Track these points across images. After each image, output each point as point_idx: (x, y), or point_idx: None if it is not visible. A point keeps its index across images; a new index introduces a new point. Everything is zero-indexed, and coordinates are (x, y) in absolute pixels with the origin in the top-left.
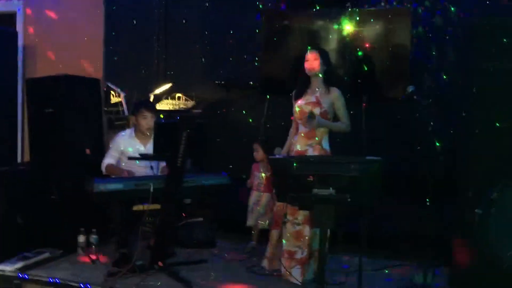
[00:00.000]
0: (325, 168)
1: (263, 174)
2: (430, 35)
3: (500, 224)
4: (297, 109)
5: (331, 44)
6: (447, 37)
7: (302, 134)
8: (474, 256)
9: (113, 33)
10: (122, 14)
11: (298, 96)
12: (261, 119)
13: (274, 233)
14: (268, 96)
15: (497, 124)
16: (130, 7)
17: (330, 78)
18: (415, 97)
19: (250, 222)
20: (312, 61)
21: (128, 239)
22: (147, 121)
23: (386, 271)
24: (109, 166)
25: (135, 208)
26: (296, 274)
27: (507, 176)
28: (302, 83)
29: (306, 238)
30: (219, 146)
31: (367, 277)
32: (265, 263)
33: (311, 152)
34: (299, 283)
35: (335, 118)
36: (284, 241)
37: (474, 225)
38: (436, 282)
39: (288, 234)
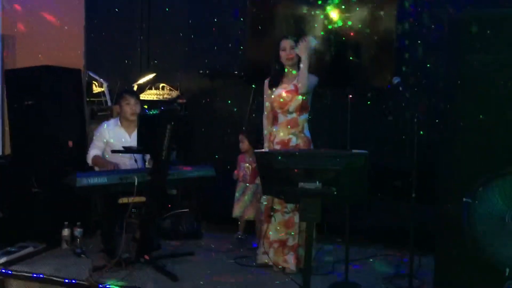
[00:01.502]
0: (311, 161)
1: (248, 165)
2: (416, 24)
3: (483, 216)
4: (279, 99)
5: (316, 32)
6: (433, 27)
7: (283, 124)
8: (458, 245)
9: (95, 21)
10: (103, 2)
11: (274, 85)
12: (246, 108)
13: (265, 228)
14: (253, 86)
15: (481, 116)
16: None
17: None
18: (400, 88)
19: (236, 213)
20: (289, 51)
21: (113, 232)
22: (130, 106)
23: (371, 260)
24: (95, 158)
25: (120, 201)
26: (290, 261)
27: (491, 168)
28: (277, 71)
29: (297, 225)
30: (204, 136)
31: (354, 266)
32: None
33: (295, 140)
34: (294, 270)
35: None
36: (271, 233)
37: (459, 215)
38: (421, 271)
39: (278, 224)
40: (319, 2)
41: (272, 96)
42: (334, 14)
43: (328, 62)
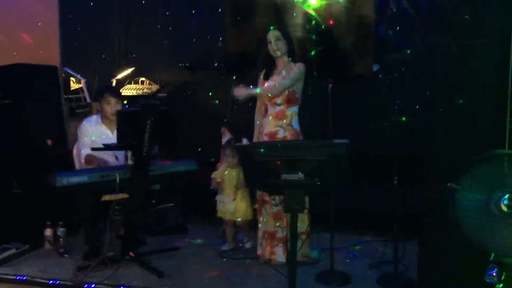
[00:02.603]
0: (293, 152)
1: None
2: (395, 11)
3: (467, 201)
4: None
5: (295, 20)
6: (411, 13)
7: (271, 116)
8: (442, 230)
9: (69, 15)
10: None
11: (266, 78)
12: (227, 100)
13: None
14: (234, 77)
15: (460, 101)
16: None
17: (294, 56)
18: (380, 76)
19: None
20: (275, 42)
21: (97, 231)
22: (111, 106)
23: (357, 247)
24: (88, 157)
25: (103, 198)
26: (279, 253)
27: (474, 153)
28: (267, 64)
29: (285, 217)
30: (186, 129)
31: (339, 254)
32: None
33: (282, 133)
34: (282, 262)
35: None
36: (260, 225)
37: (443, 200)
38: (406, 257)
39: (267, 216)
40: None
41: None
42: (313, 1)
43: (308, 51)
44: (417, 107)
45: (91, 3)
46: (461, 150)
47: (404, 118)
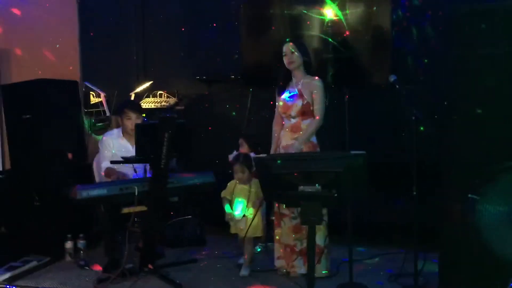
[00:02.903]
0: (309, 164)
1: None
2: (412, 21)
3: (488, 212)
4: (280, 103)
5: (312, 32)
6: (428, 23)
7: (287, 129)
8: (463, 242)
9: (89, 32)
10: (97, 12)
11: (282, 90)
12: (244, 112)
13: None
14: (250, 89)
15: (479, 111)
16: (105, 3)
17: (310, 68)
18: (397, 86)
19: None
20: (290, 55)
21: (116, 243)
22: (131, 121)
23: (377, 259)
24: (108, 170)
25: (122, 211)
26: (299, 265)
27: (494, 163)
28: (284, 77)
29: (305, 230)
30: (204, 142)
31: (358, 266)
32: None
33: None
34: (304, 272)
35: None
36: (277, 237)
37: (462, 211)
38: (426, 269)
39: (286, 229)
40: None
41: (279, 101)
42: (329, 13)
43: (324, 62)
44: (435, 117)
45: (110, 19)
46: (481, 161)
47: (422, 128)
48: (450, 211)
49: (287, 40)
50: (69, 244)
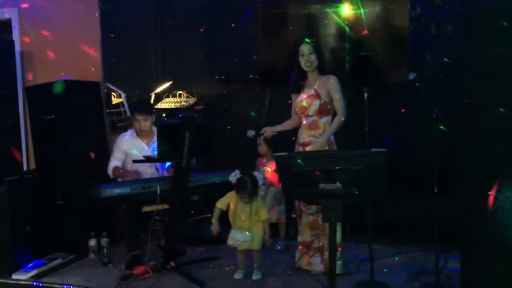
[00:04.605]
0: (330, 162)
1: (268, 168)
2: (430, 18)
3: (509, 209)
4: (301, 103)
5: (329, 30)
6: (447, 20)
7: (305, 126)
8: (484, 240)
9: (110, 34)
10: (117, 14)
11: (297, 90)
12: (263, 111)
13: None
14: (268, 89)
15: (501, 110)
16: (125, 6)
17: (325, 68)
18: (417, 84)
19: None
20: (308, 56)
21: (139, 241)
22: (139, 123)
23: (397, 258)
24: (115, 169)
25: (144, 209)
26: (316, 263)
27: (510, 162)
28: (299, 76)
29: (321, 227)
30: (223, 141)
31: (378, 265)
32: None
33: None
34: (321, 271)
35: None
36: (299, 236)
37: (483, 209)
38: (447, 267)
39: (303, 226)
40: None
41: (296, 101)
42: (347, 11)
43: (343, 61)
44: (456, 115)
45: (130, 20)
46: (501, 158)
47: (442, 127)
48: (470, 208)
49: (306, 40)
50: (92, 242)
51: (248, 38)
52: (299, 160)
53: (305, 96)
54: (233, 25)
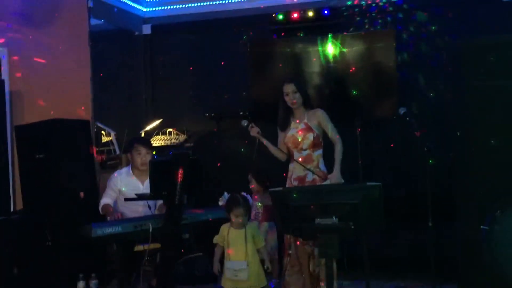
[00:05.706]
0: (326, 197)
1: (259, 204)
2: (415, 56)
3: (504, 241)
4: (293, 138)
5: (318, 69)
6: (432, 58)
7: (300, 159)
8: (481, 272)
9: (100, 73)
10: (108, 54)
11: (285, 126)
12: (253, 148)
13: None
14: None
15: (492, 142)
16: (116, 46)
17: (310, 103)
18: (407, 118)
19: None
20: (292, 95)
21: (130, 281)
22: (141, 156)
23: None
24: (105, 206)
25: (136, 249)
26: None
27: (505, 193)
28: (285, 113)
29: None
30: (214, 178)
31: None
32: None
33: (310, 176)
34: None
35: (325, 137)
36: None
37: (479, 242)
38: None
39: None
40: (318, 39)
41: (286, 137)
42: (333, 50)
43: (333, 97)
44: (446, 148)
45: (120, 60)
46: (495, 191)
47: (430, 161)
48: (465, 241)
49: (288, 79)
50: (81, 284)
51: (238, 75)
52: (295, 195)
53: (296, 130)
54: (222, 63)
